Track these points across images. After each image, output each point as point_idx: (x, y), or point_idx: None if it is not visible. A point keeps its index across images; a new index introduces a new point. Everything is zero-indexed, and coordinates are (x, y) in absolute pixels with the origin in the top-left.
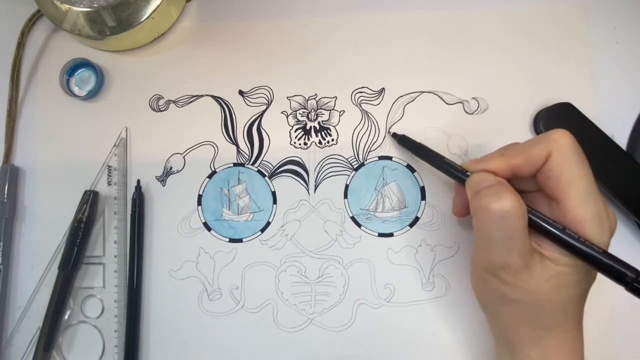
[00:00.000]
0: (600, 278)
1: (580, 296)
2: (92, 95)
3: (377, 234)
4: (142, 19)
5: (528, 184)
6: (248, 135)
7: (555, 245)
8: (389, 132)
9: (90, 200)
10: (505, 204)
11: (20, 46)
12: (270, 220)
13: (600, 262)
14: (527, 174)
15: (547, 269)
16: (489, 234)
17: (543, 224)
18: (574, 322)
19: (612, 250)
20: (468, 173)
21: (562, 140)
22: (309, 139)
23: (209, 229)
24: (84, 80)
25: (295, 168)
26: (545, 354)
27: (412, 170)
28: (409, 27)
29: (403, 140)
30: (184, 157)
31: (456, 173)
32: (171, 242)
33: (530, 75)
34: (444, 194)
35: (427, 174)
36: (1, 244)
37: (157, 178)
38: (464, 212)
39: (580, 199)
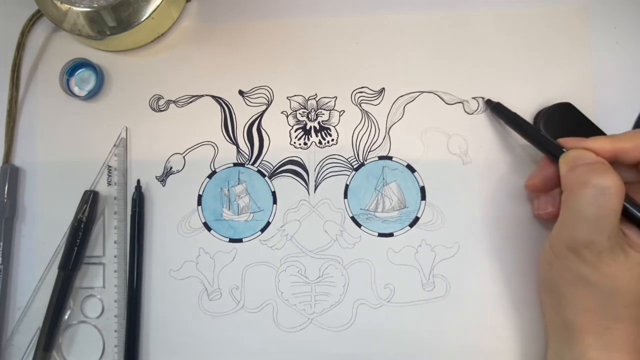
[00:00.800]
0: None
1: None
2: (92, 95)
3: (377, 234)
4: (142, 19)
5: (627, 175)
6: (248, 135)
7: None
8: (482, 98)
9: (90, 200)
10: (607, 181)
11: (20, 46)
12: (270, 220)
13: None
14: (632, 160)
15: (631, 258)
16: (581, 209)
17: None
18: None
19: None
20: (563, 149)
21: None
22: (309, 139)
23: (209, 229)
24: (84, 80)
25: (295, 168)
26: (607, 345)
27: (412, 170)
28: (409, 27)
29: (496, 108)
30: (184, 157)
31: (549, 148)
32: (171, 242)
33: (530, 75)
34: (444, 194)
35: (427, 173)
36: (1, 244)
37: (157, 178)
38: (541, 187)
39: None
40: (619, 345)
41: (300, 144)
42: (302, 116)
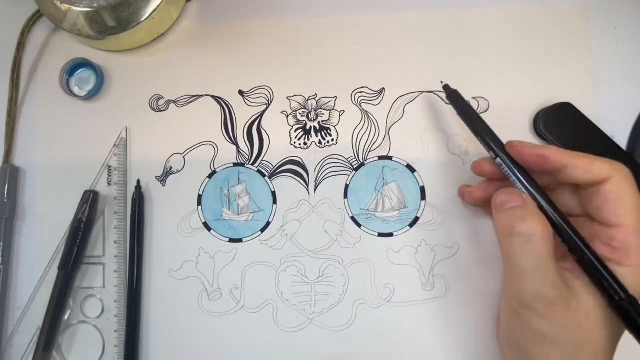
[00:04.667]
0: None
1: (620, 334)
2: (92, 95)
3: (377, 234)
4: (142, 19)
5: (569, 202)
6: (248, 135)
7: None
8: (441, 82)
9: (90, 200)
10: (529, 226)
11: (20, 46)
12: (270, 220)
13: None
14: (577, 178)
15: (583, 303)
16: (515, 261)
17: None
18: None
19: None
20: (506, 149)
21: (624, 170)
22: (309, 139)
23: (209, 229)
24: (84, 80)
25: (295, 168)
26: None
27: (412, 170)
28: (409, 27)
29: (452, 97)
30: (184, 157)
31: (492, 148)
32: (171, 242)
33: (530, 75)
34: (444, 194)
35: (427, 173)
36: (1, 244)
37: (157, 178)
38: (479, 199)
39: (635, 228)
40: None
41: (300, 144)
42: (302, 116)
